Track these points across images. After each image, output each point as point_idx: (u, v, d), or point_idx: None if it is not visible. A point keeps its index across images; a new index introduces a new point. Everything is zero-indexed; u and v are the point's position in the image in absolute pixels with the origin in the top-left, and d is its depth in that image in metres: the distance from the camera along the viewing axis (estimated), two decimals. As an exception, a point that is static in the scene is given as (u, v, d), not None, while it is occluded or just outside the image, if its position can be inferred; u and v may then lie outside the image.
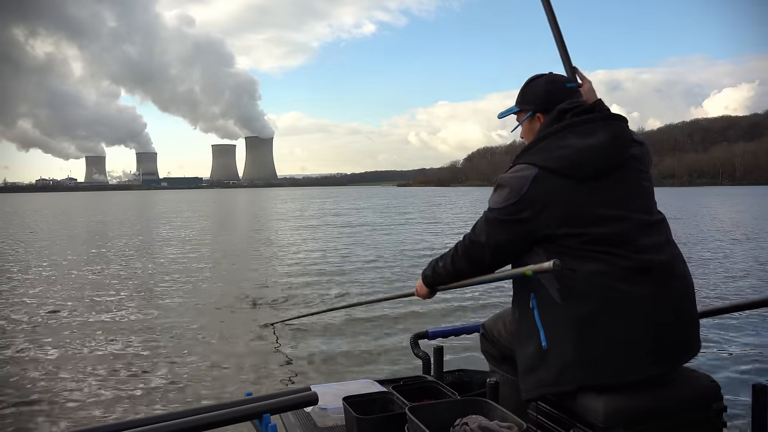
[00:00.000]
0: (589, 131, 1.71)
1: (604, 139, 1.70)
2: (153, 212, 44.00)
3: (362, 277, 10.89)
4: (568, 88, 1.90)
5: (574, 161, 1.67)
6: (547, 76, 1.92)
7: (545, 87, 1.88)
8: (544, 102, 1.86)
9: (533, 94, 1.90)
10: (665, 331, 1.66)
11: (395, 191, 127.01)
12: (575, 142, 1.69)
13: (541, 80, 1.91)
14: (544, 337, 1.68)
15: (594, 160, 1.68)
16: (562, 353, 1.65)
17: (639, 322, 1.63)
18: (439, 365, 2.54)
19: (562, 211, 1.66)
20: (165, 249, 16.36)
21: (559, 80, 1.92)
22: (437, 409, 1.78)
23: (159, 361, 5.55)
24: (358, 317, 7.19)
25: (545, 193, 1.67)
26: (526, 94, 1.93)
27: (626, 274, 1.63)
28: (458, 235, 18.91)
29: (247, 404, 1.87)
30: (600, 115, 1.76)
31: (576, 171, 1.67)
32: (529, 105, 1.91)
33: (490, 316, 2.25)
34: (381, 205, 48.92)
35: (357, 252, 14.93)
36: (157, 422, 1.72)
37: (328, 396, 2.26)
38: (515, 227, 1.71)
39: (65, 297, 9.01)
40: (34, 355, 5.78)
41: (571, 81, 1.95)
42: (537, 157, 1.71)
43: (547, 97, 1.85)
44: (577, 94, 1.89)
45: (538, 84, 1.90)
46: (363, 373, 5.05)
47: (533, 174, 1.68)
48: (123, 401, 4.51)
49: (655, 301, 1.65)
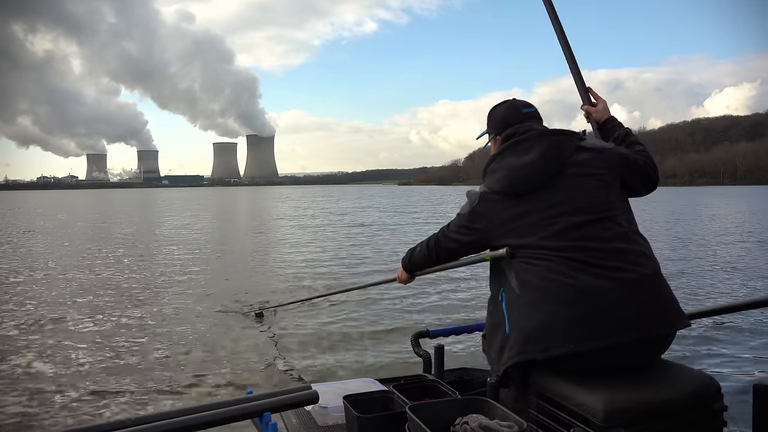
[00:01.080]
0: (524, 150, 1.97)
1: (536, 156, 1.93)
2: (154, 210, 44.01)
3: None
4: (524, 113, 2.12)
5: (510, 180, 1.94)
6: (508, 103, 2.18)
7: (502, 113, 2.15)
8: (501, 127, 2.12)
9: (493, 120, 2.18)
10: (609, 311, 1.78)
11: (398, 190, 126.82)
12: (512, 162, 1.96)
13: (501, 107, 2.17)
14: (507, 323, 1.91)
15: (529, 175, 1.93)
16: (519, 333, 1.86)
17: (578, 305, 1.79)
18: (440, 364, 2.54)
19: (505, 223, 1.94)
20: (166, 247, 16.37)
21: (516, 107, 2.15)
22: (438, 408, 1.78)
23: (159, 358, 5.56)
24: (358, 316, 7.20)
25: (488, 210, 1.97)
26: (489, 119, 2.21)
27: (571, 265, 1.83)
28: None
29: (248, 402, 1.86)
30: (534, 133, 1.99)
31: (512, 189, 1.94)
32: (490, 129, 2.19)
33: None
34: (391, 205, 48.89)
35: (368, 255, 14.93)
36: (157, 420, 1.72)
37: (329, 394, 2.26)
38: (472, 233, 2.03)
39: (65, 295, 9.02)
40: (32, 354, 5.78)
41: (529, 106, 2.14)
42: (486, 178, 2.03)
43: (503, 123, 2.12)
44: (534, 119, 2.11)
45: (498, 110, 2.17)
46: (363, 371, 5.06)
47: (480, 192, 2.02)
48: (122, 399, 4.51)
49: (597, 288, 1.79)
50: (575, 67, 2.49)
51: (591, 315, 1.77)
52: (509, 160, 1.97)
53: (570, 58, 2.51)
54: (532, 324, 1.83)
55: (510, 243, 1.91)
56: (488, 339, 2.03)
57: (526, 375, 1.88)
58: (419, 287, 8.62)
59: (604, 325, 1.76)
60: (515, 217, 1.93)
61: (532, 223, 1.90)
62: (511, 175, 1.95)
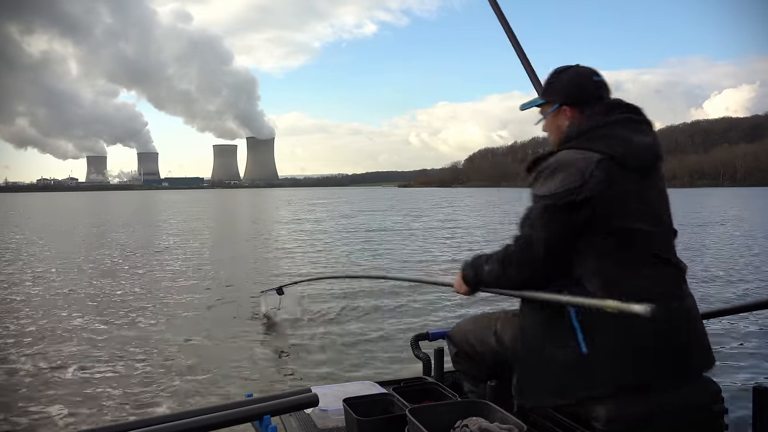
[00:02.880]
0: (639, 129, 1.72)
1: (652, 139, 1.73)
2: (155, 213, 43.99)
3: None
4: (596, 80, 1.84)
5: (635, 154, 1.66)
6: (575, 68, 1.86)
7: (573, 79, 1.83)
8: (572, 94, 1.82)
9: (560, 87, 1.85)
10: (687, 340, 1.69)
11: (399, 192, 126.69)
12: (632, 137, 1.68)
13: (569, 73, 1.85)
14: (582, 339, 1.61)
15: (647, 157, 1.70)
16: (604, 356, 1.60)
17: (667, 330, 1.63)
18: (440, 367, 2.54)
19: (621, 201, 1.62)
20: (168, 250, 16.36)
21: (586, 73, 1.85)
22: (437, 411, 1.77)
23: (159, 362, 5.55)
24: (358, 318, 7.20)
25: (609, 178, 1.61)
26: (552, 86, 1.87)
27: (664, 280, 1.66)
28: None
29: (248, 405, 1.87)
30: (647, 117, 1.78)
31: (635, 163, 1.66)
32: (555, 97, 1.85)
33: (455, 328, 2.17)
34: (400, 208, 48.85)
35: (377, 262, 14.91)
36: (157, 423, 1.72)
37: (329, 397, 2.26)
38: (573, 215, 1.61)
39: (65, 297, 9.01)
40: (32, 356, 5.77)
41: (597, 73, 1.85)
42: (598, 144, 1.66)
43: (575, 90, 1.82)
44: (604, 87, 1.84)
45: (566, 76, 1.85)
46: (363, 374, 5.05)
47: (596, 158, 1.63)
48: (123, 403, 4.51)
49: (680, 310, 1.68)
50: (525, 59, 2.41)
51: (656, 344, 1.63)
52: (623, 132, 1.69)
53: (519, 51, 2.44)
54: (626, 348, 1.60)
55: (627, 226, 1.63)
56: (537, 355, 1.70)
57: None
58: (417, 287, 8.62)
59: (660, 358, 1.64)
60: (632, 199, 1.65)
61: (642, 213, 1.66)
62: (635, 148, 1.67)
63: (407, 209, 40.82)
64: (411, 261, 12.88)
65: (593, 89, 1.81)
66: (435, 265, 12.02)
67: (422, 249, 15.38)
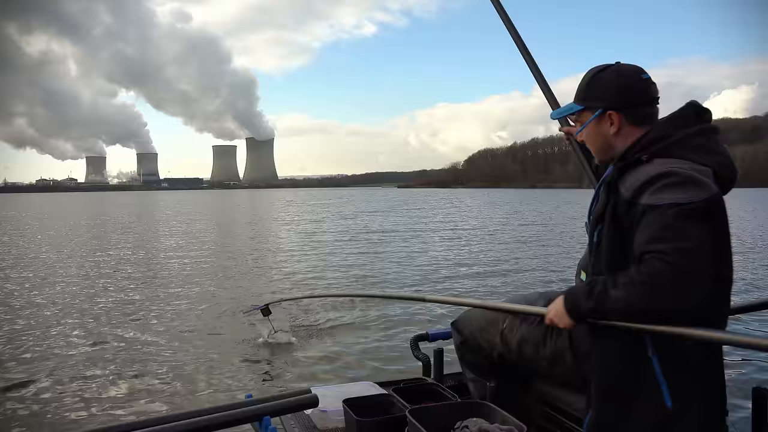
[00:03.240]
0: (716, 145, 1.50)
1: (728, 160, 1.49)
2: (155, 214, 43.97)
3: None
4: (644, 79, 1.59)
5: (732, 171, 1.47)
6: (616, 67, 1.62)
7: (619, 80, 1.58)
8: (619, 98, 1.58)
9: (603, 89, 1.60)
10: None
11: (401, 193, 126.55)
12: (724, 150, 1.48)
13: (611, 72, 1.61)
14: (668, 393, 1.42)
15: (734, 172, 1.49)
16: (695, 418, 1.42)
17: None
18: (440, 367, 2.53)
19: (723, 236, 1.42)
20: (167, 252, 16.36)
21: (631, 72, 1.60)
22: (437, 412, 1.77)
23: (159, 363, 5.55)
24: (358, 319, 7.19)
25: (719, 198, 1.41)
26: (594, 90, 1.63)
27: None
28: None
29: (248, 406, 1.86)
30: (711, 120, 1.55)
31: (730, 182, 1.47)
32: (598, 102, 1.62)
33: (462, 318, 2.11)
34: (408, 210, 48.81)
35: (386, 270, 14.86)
36: (157, 424, 1.71)
37: (329, 398, 2.25)
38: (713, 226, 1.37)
39: (64, 298, 9.01)
40: (30, 358, 5.77)
41: (642, 70, 1.61)
42: (704, 158, 1.44)
43: (623, 92, 1.58)
44: (653, 86, 1.60)
45: (608, 77, 1.60)
46: (363, 374, 5.05)
47: (710, 172, 1.42)
48: (122, 404, 4.51)
49: None
50: (545, 85, 2.36)
51: None
52: (716, 144, 1.49)
53: (538, 74, 2.38)
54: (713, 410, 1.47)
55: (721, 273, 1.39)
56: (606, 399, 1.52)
57: (528, 379, 1.86)
58: (416, 288, 8.60)
59: None
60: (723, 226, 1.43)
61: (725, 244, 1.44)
62: (730, 164, 1.46)
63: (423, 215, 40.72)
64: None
65: (642, 90, 1.59)
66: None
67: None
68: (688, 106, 1.55)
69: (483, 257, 13.99)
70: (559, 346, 1.74)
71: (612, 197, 1.51)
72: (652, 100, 1.59)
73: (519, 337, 1.85)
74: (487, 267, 12.29)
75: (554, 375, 1.80)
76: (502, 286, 9.94)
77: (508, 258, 13.74)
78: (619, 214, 1.47)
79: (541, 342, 1.78)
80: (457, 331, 2.08)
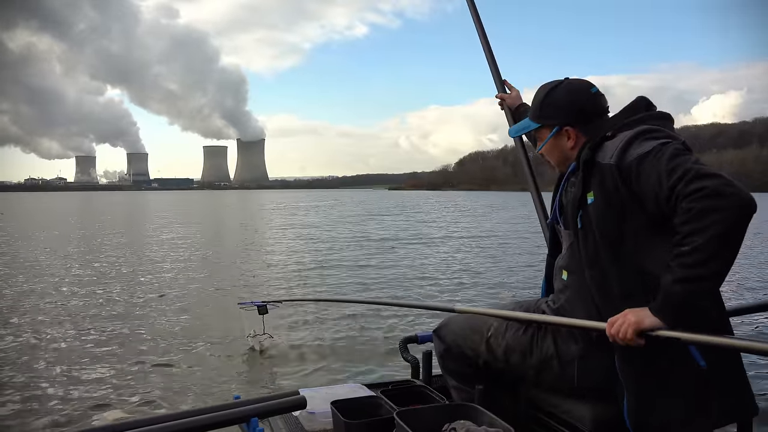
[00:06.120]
0: (674, 130, 1.60)
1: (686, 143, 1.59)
2: (143, 215, 43.72)
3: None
4: (594, 93, 1.69)
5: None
6: (566, 84, 1.71)
7: (569, 97, 1.68)
8: (573, 114, 1.67)
9: (557, 107, 1.70)
10: None
11: (392, 195, 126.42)
12: (679, 137, 1.53)
13: (561, 90, 1.70)
14: (698, 353, 1.44)
15: None
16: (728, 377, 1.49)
17: None
18: (428, 370, 2.53)
19: None
20: (157, 253, 16.28)
21: (581, 88, 1.70)
22: (425, 414, 1.77)
23: (146, 364, 5.51)
24: (347, 321, 7.19)
25: None
26: (548, 108, 1.71)
27: None
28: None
29: (235, 408, 1.85)
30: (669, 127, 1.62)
31: None
32: (553, 120, 1.71)
33: (443, 324, 2.05)
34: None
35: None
36: (143, 426, 1.70)
37: (317, 400, 2.25)
38: None
39: (56, 300, 8.94)
40: (24, 360, 5.73)
41: (591, 84, 1.72)
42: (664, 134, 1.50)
43: (575, 108, 1.67)
44: (603, 98, 1.70)
45: (559, 95, 1.70)
46: (351, 377, 5.05)
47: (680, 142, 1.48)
48: (110, 405, 4.48)
49: None
50: (493, 61, 2.61)
51: None
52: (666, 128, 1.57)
53: (488, 52, 2.64)
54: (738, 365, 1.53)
55: None
56: (640, 373, 1.50)
57: (515, 382, 1.87)
58: (407, 288, 8.60)
59: None
60: None
61: None
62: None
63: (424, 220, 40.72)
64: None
65: (593, 105, 1.68)
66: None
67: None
68: (640, 99, 1.65)
69: (494, 266, 14.02)
70: (545, 353, 1.73)
71: (594, 173, 1.54)
72: (603, 111, 1.69)
73: (504, 345, 1.84)
74: (500, 278, 12.32)
75: (542, 382, 1.80)
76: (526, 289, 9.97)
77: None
78: (606, 182, 1.50)
79: (528, 350, 1.78)
80: (439, 338, 2.04)
